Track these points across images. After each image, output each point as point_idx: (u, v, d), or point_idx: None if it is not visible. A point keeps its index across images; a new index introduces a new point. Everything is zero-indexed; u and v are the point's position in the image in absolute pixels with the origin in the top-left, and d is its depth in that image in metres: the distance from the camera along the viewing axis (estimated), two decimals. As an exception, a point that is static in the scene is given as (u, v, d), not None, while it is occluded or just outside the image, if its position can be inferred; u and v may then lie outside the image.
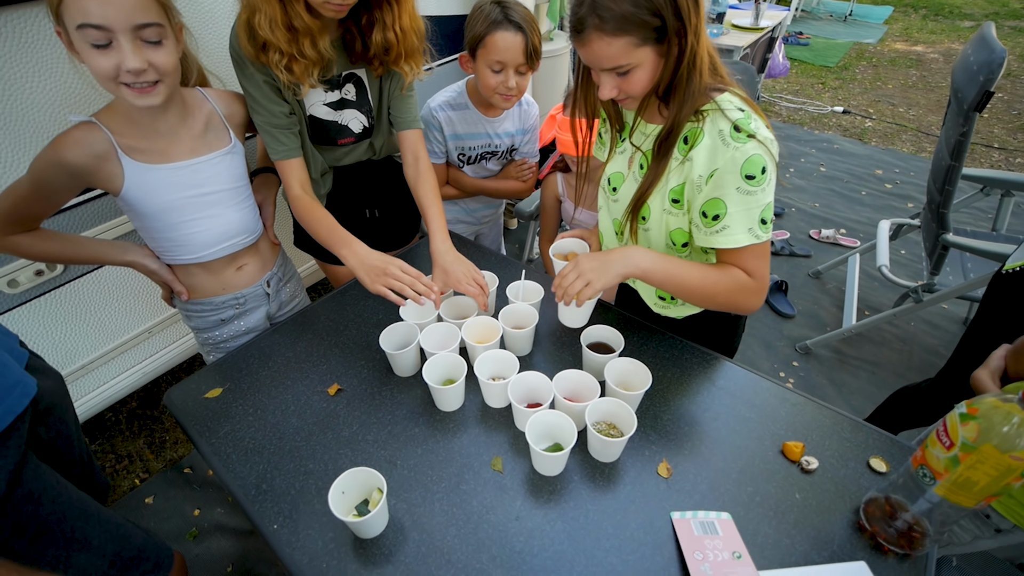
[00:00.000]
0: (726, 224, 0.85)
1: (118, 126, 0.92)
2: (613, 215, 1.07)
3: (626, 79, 0.82)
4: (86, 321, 1.46)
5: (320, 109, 1.15)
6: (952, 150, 1.64)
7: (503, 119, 1.48)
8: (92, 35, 0.79)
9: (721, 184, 0.84)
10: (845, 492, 0.82)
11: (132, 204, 0.98)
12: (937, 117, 4.37)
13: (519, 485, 0.84)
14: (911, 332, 2.27)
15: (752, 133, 0.80)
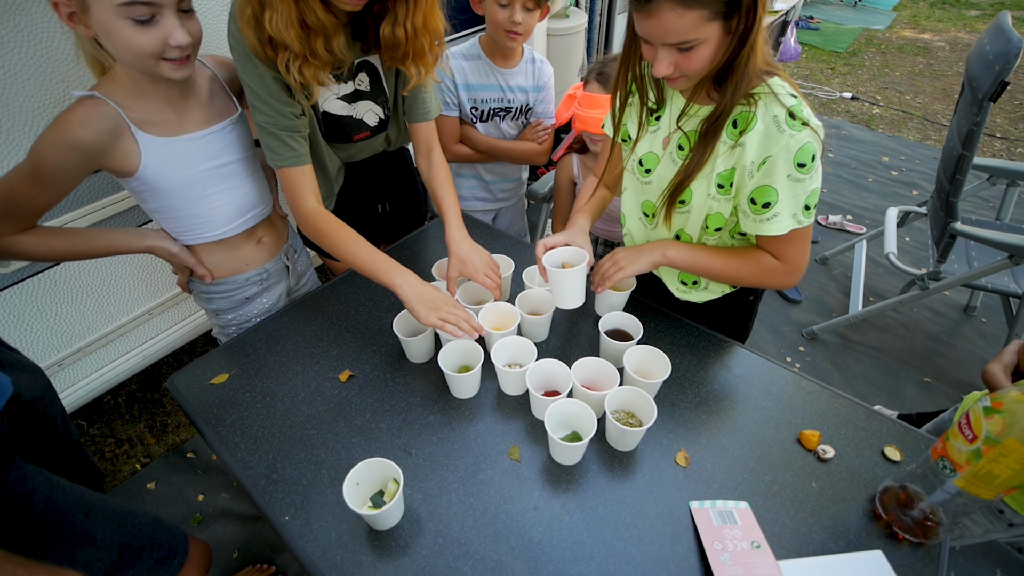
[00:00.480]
0: (776, 212, 0.84)
1: (125, 99, 0.87)
2: (643, 197, 1.03)
3: (686, 56, 0.77)
4: (82, 303, 1.43)
5: (333, 104, 1.07)
6: (964, 139, 1.62)
7: (515, 73, 1.46)
8: (139, 11, 0.76)
9: (772, 171, 0.82)
10: (861, 481, 0.82)
11: (150, 182, 0.93)
12: (942, 105, 4.34)
13: (536, 474, 0.83)
14: (914, 319, 2.28)
15: (806, 121, 0.79)
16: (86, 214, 1.28)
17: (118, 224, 1.36)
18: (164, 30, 0.79)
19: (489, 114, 1.51)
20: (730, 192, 0.89)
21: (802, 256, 0.90)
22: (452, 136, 1.50)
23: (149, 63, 0.82)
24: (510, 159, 1.60)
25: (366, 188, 1.28)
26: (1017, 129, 3.99)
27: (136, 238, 1.01)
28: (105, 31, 0.78)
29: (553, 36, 2.23)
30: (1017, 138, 3.87)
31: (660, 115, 0.97)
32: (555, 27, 2.22)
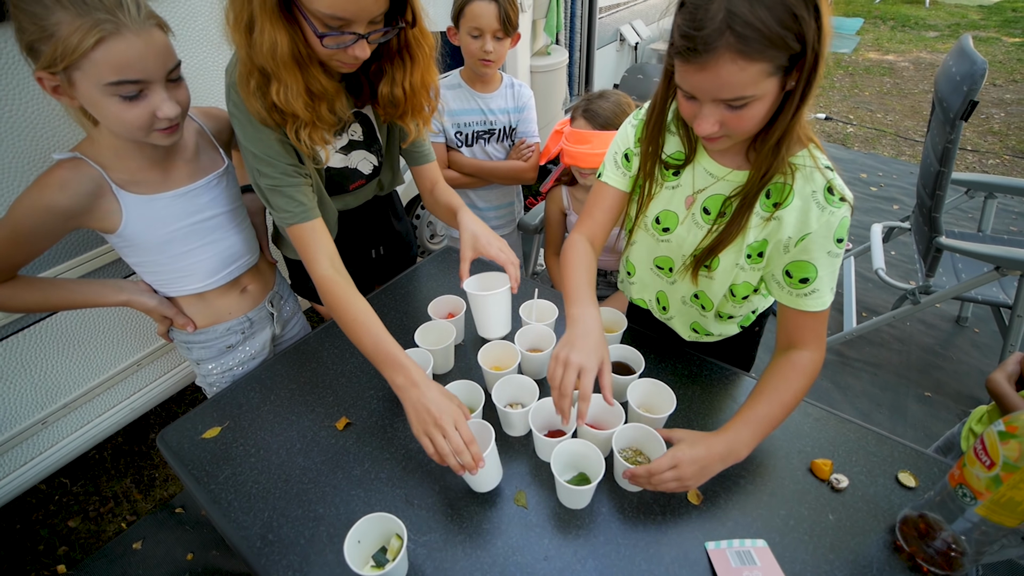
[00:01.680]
0: (816, 288, 0.81)
1: (107, 159, 0.86)
2: (657, 253, 0.98)
3: (737, 114, 0.67)
4: (69, 356, 1.38)
5: (333, 158, 1.06)
6: (940, 156, 1.67)
7: (495, 96, 1.54)
8: (127, 89, 0.76)
9: (812, 248, 0.79)
10: (878, 510, 0.80)
11: (131, 240, 0.92)
12: (912, 122, 4.50)
13: (545, 521, 0.80)
14: (908, 332, 2.29)
15: (843, 195, 0.77)
16: (73, 267, 1.25)
17: (104, 276, 1.33)
18: (152, 104, 0.79)
19: (473, 137, 1.56)
20: (759, 262, 0.86)
21: (825, 330, 0.86)
22: (440, 161, 1.53)
23: (137, 135, 0.82)
24: (497, 179, 1.63)
25: (360, 235, 1.27)
26: (986, 142, 4.13)
27: (112, 291, 0.99)
28: (92, 105, 0.78)
29: (536, 73, 2.29)
30: (987, 150, 4.01)
31: (681, 172, 0.89)
32: (537, 64, 2.29)
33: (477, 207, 1.68)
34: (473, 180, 1.61)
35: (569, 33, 2.62)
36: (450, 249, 1.47)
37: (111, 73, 0.74)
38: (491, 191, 1.67)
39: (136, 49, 0.74)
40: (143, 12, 0.75)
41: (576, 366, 0.76)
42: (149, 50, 0.76)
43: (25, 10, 0.70)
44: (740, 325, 1.06)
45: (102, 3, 0.71)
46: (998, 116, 4.54)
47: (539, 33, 2.31)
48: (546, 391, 0.94)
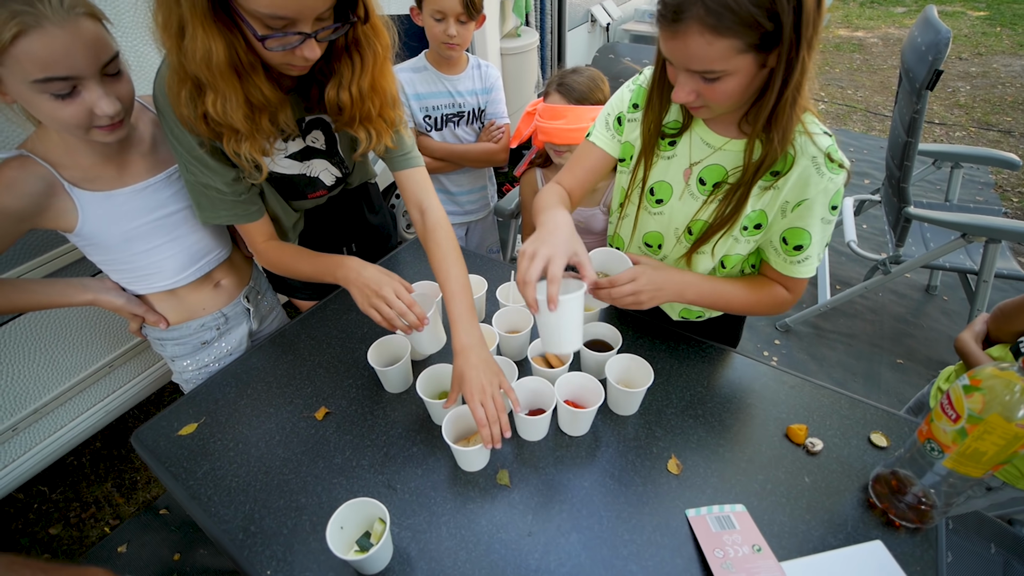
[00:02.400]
0: (808, 255, 0.84)
1: (56, 156, 0.82)
2: (647, 228, 0.97)
3: (711, 86, 0.69)
4: (36, 360, 1.34)
5: (282, 163, 0.96)
6: (907, 127, 1.70)
7: (463, 78, 1.51)
8: (57, 87, 0.70)
9: (807, 215, 0.80)
10: (851, 471, 0.82)
11: (91, 238, 0.88)
12: (882, 97, 4.57)
13: (528, 498, 0.80)
14: (880, 302, 2.35)
15: (842, 163, 0.77)
16: (35, 267, 1.20)
17: (68, 275, 1.28)
18: (87, 101, 0.73)
19: (443, 121, 1.54)
20: (756, 233, 0.87)
21: (805, 286, 0.91)
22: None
23: (76, 133, 0.77)
24: (469, 162, 1.61)
25: (329, 232, 1.20)
26: (952, 115, 4.23)
27: (78, 291, 0.96)
28: (25, 103, 0.73)
29: (507, 55, 2.26)
30: (954, 123, 4.10)
31: (677, 141, 0.88)
32: (508, 46, 2.25)
33: (450, 192, 1.66)
34: (445, 164, 1.59)
35: (539, 14, 2.59)
36: (427, 235, 1.45)
37: (36, 70, 0.67)
38: (463, 175, 1.65)
39: (60, 43, 0.67)
40: (67, 1, 0.68)
41: (544, 256, 0.75)
42: (76, 43, 0.69)
43: None
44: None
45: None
46: (964, 89, 4.64)
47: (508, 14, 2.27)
48: (525, 372, 0.94)
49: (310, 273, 0.96)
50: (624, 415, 0.92)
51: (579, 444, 0.88)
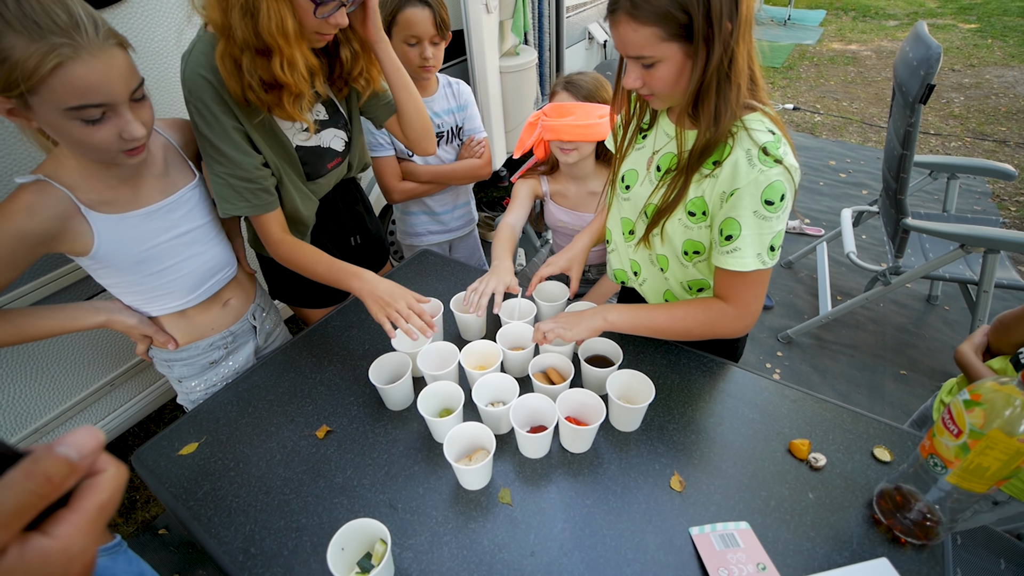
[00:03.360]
0: (737, 246, 0.84)
1: (73, 180, 0.83)
2: (623, 213, 1.04)
3: (650, 73, 0.79)
4: (37, 380, 1.34)
5: (301, 136, 1.09)
6: (902, 140, 1.72)
7: (436, 99, 1.51)
8: (90, 113, 0.72)
9: (738, 205, 0.81)
10: (855, 486, 0.82)
11: (106, 261, 0.89)
12: (877, 109, 4.62)
13: (531, 516, 0.80)
14: (881, 313, 2.35)
15: (779, 159, 0.78)
16: (33, 290, 1.21)
17: (69, 298, 1.29)
18: (117, 126, 0.76)
19: None
20: (704, 220, 0.89)
21: (755, 300, 0.89)
22: (394, 175, 1.50)
23: (104, 156, 0.79)
24: (455, 180, 1.61)
25: (338, 222, 1.30)
26: (948, 125, 4.27)
27: (90, 314, 0.96)
28: (52, 129, 0.75)
29: (506, 73, 2.29)
30: (949, 133, 4.14)
31: (647, 134, 0.98)
32: (507, 65, 2.29)
33: (434, 212, 1.66)
34: (432, 187, 1.58)
35: (537, 33, 2.63)
36: (426, 252, 1.46)
37: (71, 98, 0.70)
38: (446, 194, 1.65)
39: (97, 73, 0.70)
40: (102, 32, 0.71)
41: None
42: (111, 72, 0.72)
43: None
44: None
45: (57, 25, 0.67)
46: (958, 100, 4.70)
47: (507, 34, 2.31)
48: (527, 388, 0.94)
49: (325, 276, 1.06)
50: (626, 431, 0.92)
51: (581, 461, 0.87)
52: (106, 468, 0.28)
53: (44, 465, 0.25)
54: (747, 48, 0.76)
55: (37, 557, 0.25)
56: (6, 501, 0.24)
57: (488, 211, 3.01)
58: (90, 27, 0.70)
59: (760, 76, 0.83)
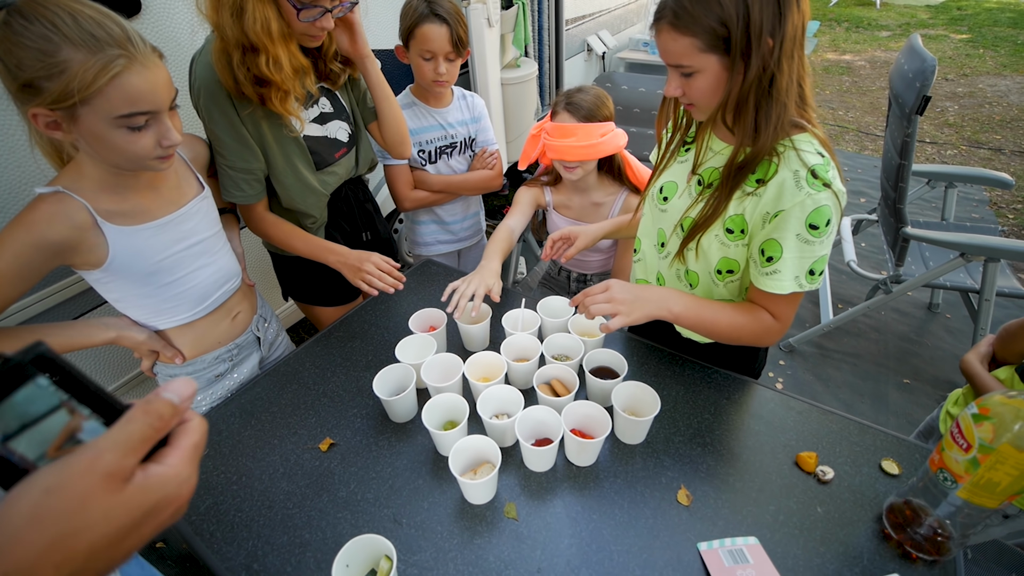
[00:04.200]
0: (777, 268, 0.83)
1: (90, 191, 0.84)
2: (659, 224, 1.03)
3: (689, 82, 0.79)
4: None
5: (310, 127, 1.16)
6: (900, 150, 1.73)
7: (451, 110, 1.53)
8: (137, 121, 0.76)
9: (782, 227, 0.80)
10: (864, 500, 0.81)
11: (119, 273, 0.89)
12: (872, 118, 4.66)
13: (536, 532, 0.79)
14: (883, 321, 2.35)
15: (828, 183, 0.77)
16: (33, 303, 1.20)
17: (69, 311, 1.28)
18: (158, 133, 0.79)
19: (436, 154, 1.55)
20: (742, 238, 0.88)
21: (790, 316, 0.90)
22: (407, 183, 1.52)
23: (140, 164, 0.81)
24: (467, 190, 1.63)
25: (349, 217, 1.35)
26: (943, 134, 4.30)
27: (99, 330, 0.95)
28: (94, 138, 0.76)
29: (507, 85, 2.32)
30: (944, 141, 4.17)
31: (691, 147, 0.97)
32: (507, 77, 2.31)
33: (444, 221, 1.67)
34: (443, 196, 1.60)
35: (537, 45, 2.66)
36: (430, 262, 1.46)
37: (124, 106, 0.73)
38: (456, 204, 1.66)
39: (147, 82, 0.74)
40: (147, 44, 0.76)
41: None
42: (158, 81, 0.76)
43: (29, 47, 0.68)
44: None
45: (112, 38, 0.71)
46: (952, 109, 4.74)
47: (508, 47, 2.34)
48: (532, 400, 0.94)
49: (303, 249, 1.19)
50: (632, 444, 0.91)
51: (587, 475, 0.87)
52: (192, 418, 0.35)
53: (156, 406, 0.32)
54: (794, 66, 0.76)
55: (157, 480, 0.31)
56: (133, 432, 0.30)
57: (490, 220, 3.02)
58: (139, 40, 0.74)
59: (810, 96, 0.81)
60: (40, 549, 0.27)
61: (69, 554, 0.28)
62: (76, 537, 0.28)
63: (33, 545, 0.27)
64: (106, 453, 0.30)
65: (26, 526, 0.27)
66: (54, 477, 0.28)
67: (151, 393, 0.33)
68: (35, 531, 0.27)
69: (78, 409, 0.30)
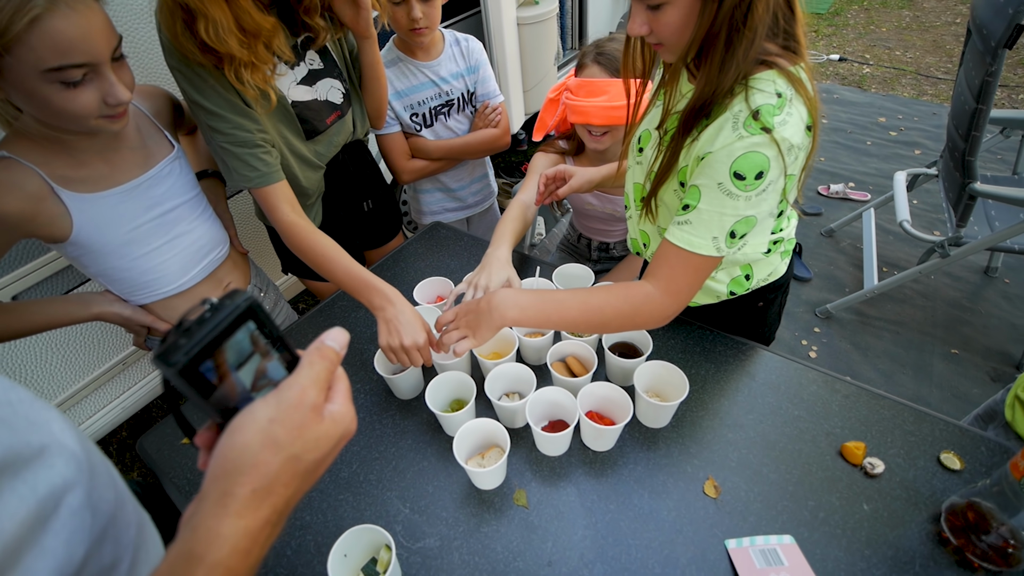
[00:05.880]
0: (690, 219, 0.71)
1: (40, 156, 0.76)
2: (635, 179, 0.91)
3: (656, 17, 0.67)
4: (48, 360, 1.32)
5: (296, 91, 0.98)
6: (977, 93, 1.51)
7: (442, 61, 1.33)
8: (71, 75, 0.66)
9: (706, 172, 0.69)
10: (919, 498, 0.72)
11: (87, 246, 0.83)
12: (935, 58, 4.20)
13: (548, 521, 0.73)
14: (932, 286, 2.17)
15: (769, 127, 0.64)
16: (10, 283, 1.15)
17: (49, 291, 1.22)
18: (100, 89, 0.70)
19: (432, 115, 1.37)
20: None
21: (688, 289, 0.75)
22: (403, 152, 1.37)
23: (85, 124, 0.72)
24: (470, 154, 1.46)
25: (348, 187, 1.20)
26: (1016, 75, 3.85)
27: (80, 307, 0.91)
28: (26, 95, 0.67)
29: (523, 25, 2.11)
30: (1017, 84, 3.74)
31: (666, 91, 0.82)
32: (524, 15, 2.10)
33: (449, 188, 1.53)
34: (444, 164, 1.44)
35: (560, -21, 2.41)
36: (438, 225, 1.36)
37: (51, 57, 0.63)
38: (461, 169, 1.51)
39: (77, 27, 0.64)
40: None
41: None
42: (91, 27, 0.65)
43: None
44: (730, 290, 0.91)
45: None
46: (1029, 46, 4.22)
47: (528, -20, 2.12)
48: (545, 380, 0.86)
49: (343, 279, 0.92)
50: (654, 428, 0.83)
51: (604, 460, 0.80)
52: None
53: (325, 351, 0.37)
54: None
55: (340, 414, 0.37)
56: (320, 372, 0.36)
57: (506, 177, 2.87)
58: None
59: (800, 29, 0.68)
60: (275, 469, 0.33)
61: (293, 474, 0.34)
62: (298, 460, 0.34)
63: (269, 466, 0.33)
64: (309, 389, 0.35)
65: (261, 450, 0.33)
66: (273, 409, 0.34)
67: (316, 340, 0.38)
68: (270, 454, 0.33)
69: (270, 350, 0.36)
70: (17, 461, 0.32)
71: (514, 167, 2.95)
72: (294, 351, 0.38)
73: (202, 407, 0.34)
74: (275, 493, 0.33)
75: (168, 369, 0.31)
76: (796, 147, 0.66)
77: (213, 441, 0.36)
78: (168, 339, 0.32)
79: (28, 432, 0.34)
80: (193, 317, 0.33)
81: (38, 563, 0.31)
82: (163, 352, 0.32)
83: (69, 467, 0.35)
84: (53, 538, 0.32)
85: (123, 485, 0.43)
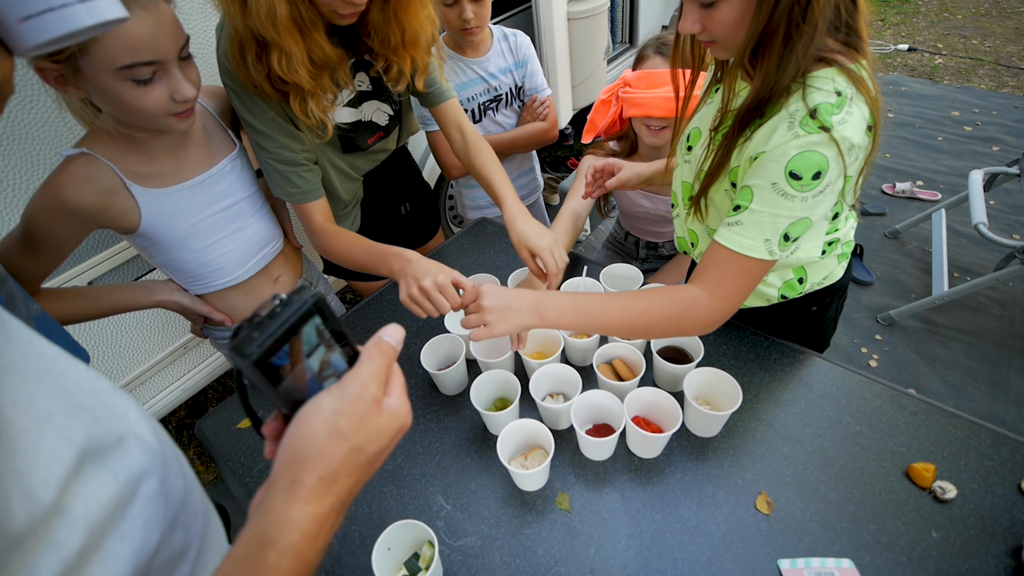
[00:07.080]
0: (740, 220, 0.67)
1: (115, 153, 0.81)
2: (683, 177, 0.89)
3: (709, 14, 0.65)
4: (117, 342, 1.42)
5: (341, 113, 0.98)
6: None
7: (491, 57, 1.34)
8: (142, 72, 0.70)
9: (760, 172, 0.65)
10: (996, 528, 0.67)
11: (153, 237, 0.88)
12: (1017, 47, 3.86)
13: (591, 528, 0.72)
14: (1011, 294, 2.00)
15: (828, 126, 0.61)
16: (85, 270, 1.22)
17: (120, 278, 1.31)
18: (168, 86, 0.73)
19: (481, 111, 1.39)
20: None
21: (739, 293, 0.71)
22: (448, 150, 1.38)
23: (156, 121, 0.76)
24: (519, 148, 1.46)
25: (387, 192, 1.22)
26: (1115, 64, 3.48)
27: (144, 294, 0.96)
28: (102, 93, 0.71)
29: (573, 20, 2.08)
30: (1116, 74, 3.38)
31: (719, 88, 0.80)
32: (575, 10, 2.07)
33: None
34: None
35: (610, -29, 2.35)
36: (484, 221, 1.37)
37: (123, 55, 0.67)
38: (509, 163, 1.51)
39: (147, 27, 0.67)
40: None
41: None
42: (161, 26, 0.69)
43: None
44: (781, 294, 0.88)
45: None
46: None
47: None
48: (591, 382, 0.85)
49: (365, 261, 0.94)
50: (704, 437, 0.80)
51: (650, 467, 0.78)
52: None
53: (383, 347, 0.39)
54: None
55: (397, 409, 0.38)
56: (380, 366, 0.38)
57: (552, 172, 2.85)
58: None
59: (863, 22, 0.65)
60: (340, 459, 0.35)
61: (356, 464, 0.36)
62: (361, 451, 0.36)
63: (335, 455, 0.34)
64: (370, 383, 0.37)
65: (327, 440, 0.34)
66: (337, 401, 0.36)
67: (375, 336, 0.40)
68: (336, 444, 0.35)
69: (333, 344, 0.38)
70: (100, 449, 0.34)
71: (560, 162, 2.93)
72: (355, 345, 0.39)
73: (272, 397, 0.35)
74: (339, 482, 0.35)
75: (243, 361, 0.33)
76: (856, 147, 0.63)
77: (279, 431, 0.38)
78: (241, 332, 0.33)
79: (109, 421, 0.35)
80: (264, 312, 0.34)
81: (119, 547, 0.33)
82: (237, 345, 0.33)
83: (145, 455, 0.37)
84: (131, 524, 0.34)
85: (191, 474, 0.45)
